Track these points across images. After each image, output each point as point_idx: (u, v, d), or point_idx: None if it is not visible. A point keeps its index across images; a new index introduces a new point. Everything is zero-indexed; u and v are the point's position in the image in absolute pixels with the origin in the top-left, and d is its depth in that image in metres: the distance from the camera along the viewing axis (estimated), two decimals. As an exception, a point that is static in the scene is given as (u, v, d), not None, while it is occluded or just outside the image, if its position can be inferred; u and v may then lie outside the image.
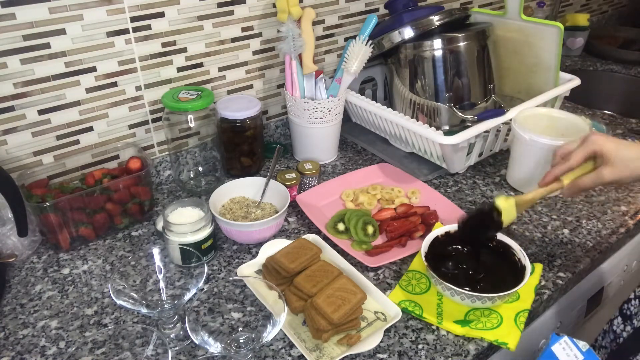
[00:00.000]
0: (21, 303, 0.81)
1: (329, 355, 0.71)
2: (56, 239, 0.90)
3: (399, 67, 1.18)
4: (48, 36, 0.89)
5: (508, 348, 0.73)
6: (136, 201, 0.96)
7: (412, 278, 0.85)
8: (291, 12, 1.04)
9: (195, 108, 0.98)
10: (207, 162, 1.11)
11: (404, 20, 1.15)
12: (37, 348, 0.74)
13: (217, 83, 1.13)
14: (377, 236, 0.94)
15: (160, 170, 1.11)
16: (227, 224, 0.90)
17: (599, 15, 2.12)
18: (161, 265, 0.77)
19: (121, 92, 1.01)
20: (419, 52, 1.12)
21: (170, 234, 0.84)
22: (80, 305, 0.81)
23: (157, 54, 1.02)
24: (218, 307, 0.73)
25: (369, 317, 0.77)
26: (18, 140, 0.94)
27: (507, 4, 1.20)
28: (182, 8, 1.01)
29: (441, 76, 1.13)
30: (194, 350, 0.73)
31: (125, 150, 1.04)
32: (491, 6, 1.62)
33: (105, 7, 0.92)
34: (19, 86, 0.90)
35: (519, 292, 0.81)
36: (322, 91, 1.13)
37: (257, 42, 1.14)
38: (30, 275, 0.87)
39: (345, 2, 1.24)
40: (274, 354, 0.72)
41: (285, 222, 0.99)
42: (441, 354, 0.72)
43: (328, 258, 0.87)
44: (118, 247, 0.93)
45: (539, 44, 1.18)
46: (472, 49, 1.13)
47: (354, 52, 1.08)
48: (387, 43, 1.13)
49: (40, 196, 0.88)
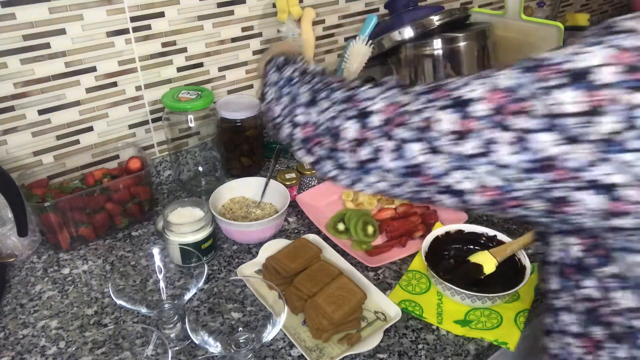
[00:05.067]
0: (21, 303, 0.81)
1: (328, 355, 0.71)
2: (56, 239, 0.90)
3: (399, 67, 1.18)
4: (48, 36, 0.89)
5: (508, 348, 0.73)
6: (136, 201, 0.96)
7: (412, 278, 0.85)
8: (291, 12, 1.04)
9: (195, 108, 0.98)
10: (207, 162, 1.11)
11: (404, 20, 1.14)
12: (37, 348, 0.74)
13: (217, 83, 1.13)
14: (377, 236, 0.94)
15: (160, 170, 1.11)
16: (227, 224, 0.90)
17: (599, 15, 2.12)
18: (161, 265, 0.77)
19: (121, 92, 1.01)
20: (419, 52, 1.12)
21: (170, 234, 0.84)
22: (80, 305, 0.81)
23: (157, 54, 1.02)
24: (218, 307, 0.73)
25: (369, 317, 0.77)
26: (18, 140, 0.94)
27: (507, 4, 1.20)
28: (182, 8, 1.01)
29: (441, 76, 1.12)
30: (194, 350, 0.73)
31: (125, 150, 1.04)
32: (491, 6, 1.62)
33: (105, 7, 0.92)
34: (19, 86, 0.90)
35: (519, 292, 0.81)
36: (322, 91, 1.13)
37: (257, 42, 1.14)
38: (30, 275, 0.87)
39: (345, 2, 1.24)
40: (274, 354, 0.72)
41: (285, 222, 0.99)
42: (441, 354, 0.72)
43: (328, 258, 0.87)
44: (118, 247, 0.93)
45: (539, 44, 1.18)
46: (472, 49, 1.13)
47: (354, 52, 1.08)
48: (387, 43, 1.13)
49: (40, 196, 0.88)
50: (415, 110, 0.48)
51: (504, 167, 0.43)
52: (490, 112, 0.43)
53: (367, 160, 0.52)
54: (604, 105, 0.38)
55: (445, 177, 0.47)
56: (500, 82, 0.44)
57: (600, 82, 0.38)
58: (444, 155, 0.46)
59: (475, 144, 0.44)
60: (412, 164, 0.48)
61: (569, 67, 0.40)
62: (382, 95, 0.52)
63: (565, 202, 0.42)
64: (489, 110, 0.43)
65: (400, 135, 0.48)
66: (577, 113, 0.39)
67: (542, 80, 0.41)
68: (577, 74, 0.39)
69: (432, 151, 0.46)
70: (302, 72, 0.64)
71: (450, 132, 0.45)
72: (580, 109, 0.38)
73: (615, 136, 0.38)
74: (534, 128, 0.41)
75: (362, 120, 0.52)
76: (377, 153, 0.50)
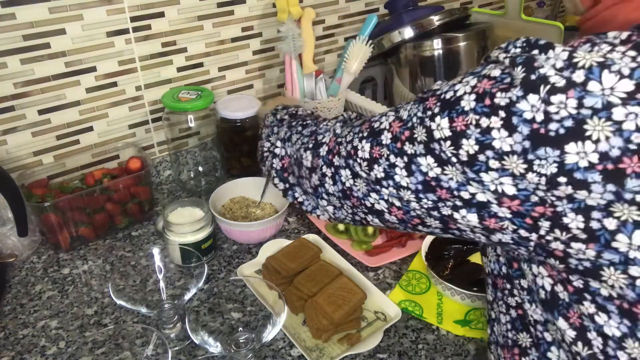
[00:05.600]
0: (21, 303, 0.81)
1: (328, 355, 0.71)
2: (56, 239, 0.90)
3: (399, 67, 1.18)
4: (48, 36, 0.89)
5: (508, 348, 0.73)
6: (136, 201, 0.96)
7: (412, 278, 0.85)
8: (291, 12, 1.04)
9: (195, 108, 0.98)
10: (207, 162, 1.11)
11: (404, 20, 1.15)
12: (37, 348, 0.74)
13: (217, 83, 1.13)
14: (377, 236, 0.94)
15: (160, 170, 1.11)
16: (227, 224, 0.90)
17: (599, 15, 2.11)
18: (161, 265, 0.77)
19: (121, 92, 1.01)
20: (419, 52, 1.12)
21: (170, 234, 0.84)
22: (80, 305, 0.81)
23: (157, 54, 1.02)
24: (218, 307, 0.73)
25: (369, 317, 0.77)
26: (18, 140, 0.94)
27: (507, 4, 1.20)
28: (182, 8, 1.01)
29: (441, 76, 1.13)
30: (194, 350, 0.73)
31: (125, 150, 1.04)
32: (491, 6, 1.62)
33: (105, 7, 0.92)
34: (19, 86, 0.90)
35: (519, 292, 0.81)
36: (322, 91, 1.13)
37: (257, 42, 1.14)
38: (30, 275, 0.87)
39: (345, 2, 1.24)
40: (274, 354, 0.72)
41: (285, 222, 0.99)
42: (441, 354, 0.72)
43: (328, 258, 0.87)
44: (118, 247, 0.93)
45: (539, 44, 1.18)
46: (472, 49, 1.13)
47: (354, 52, 1.08)
48: (387, 43, 1.13)
49: (40, 196, 0.88)
50: (347, 142, 0.55)
51: (402, 188, 0.48)
52: (390, 141, 0.49)
53: (318, 186, 0.59)
54: (463, 129, 0.42)
55: (367, 199, 0.53)
56: (401, 112, 0.49)
57: (461, 109, 0.42)
58: (362, 179, 0.52)
59: (381, 169, 0.50)
60: (343, 188, 0.55)
61: (444, 96, 0.44)
62: (332, 128, 0.59)
63: (452, 220, 0.47)
64: (390, 138, 0.49)
65: (336, 163, 0.56)
66: (446, 137, 0.43)
67: (426, 109, 0.45)
68: (450, 102, 0.43)
69: (354, 176, 0.53)
70: (291, 115, 0.74)
71: (364, 159, 0.51)
72: (447, 134, 0.43)
73: (474, 158, 0.41)
74: (418, 152, 0.46)
75: (314, 151, 0.59)
76: (323, 178, 0.58)
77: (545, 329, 0.49)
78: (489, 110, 0.40)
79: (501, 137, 0.40)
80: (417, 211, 0.49)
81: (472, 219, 0.45)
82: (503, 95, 0.40)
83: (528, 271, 0.48)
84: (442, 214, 0.47)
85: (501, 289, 0.53)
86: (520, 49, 0.43)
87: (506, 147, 0.39)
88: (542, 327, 0.49)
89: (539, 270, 0.46)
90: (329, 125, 0.63)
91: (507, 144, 0.39)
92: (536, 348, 0.50)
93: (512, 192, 0.41)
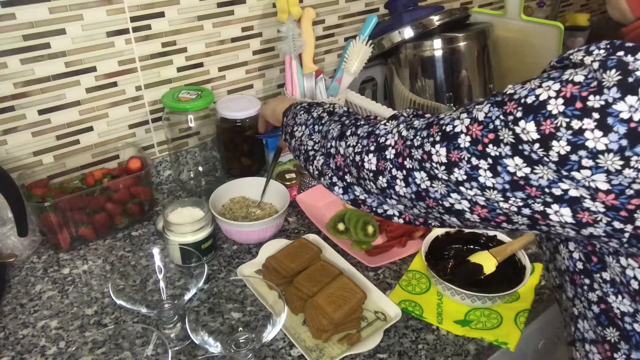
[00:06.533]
0: (21, 303, 0.81)
1: (328, 355, 0.71)
2: (56, 239, 0.90)
3: (399, 67, 1.18)
4: (48, 36, 0.89)
5: (508, 348, 0.73)
6: (136, 201, 0.96)
7: (412, 278, 0.85)
8: (291, 12, 1.04)
9: (195, 108, 0.98)
10: (207, 162, 1.11)
11: (404, 20, 1.15)
12: (37, 348, 0.74)
13: (217, 83, 1.13)
14: (377, 236, 0.94)
15: (160, 170, 1.11)
16: (227, 224, 0.90)
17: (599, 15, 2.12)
18: (161, 265, 0.77)
19: (121, 92, 1.01)
20: (419, 52, 1.12)
21: (170, 234, 0.84)
22: (80, 305, 0.81)
23: (157, 54, 1.02)
24: (218, 307, 0.73)
25: (369, 317, 0.77)
26: (18, 140, 0.94)
27: (507, 4, 1.20)
28: (182, 8, 1.01)
29: (441, 76, 1.13)
30: (194, 350, 0.73)
31: (125, 150, 1.04)
32: (491, 6, 1.62)
33: (105, 7, 0.92)
34: (19, 86, 0.90)
35: (519, 292, 0.81)
36: (322, 91, 1.13)
37: (257, 42, 1.14)
38: (30, 275, 0.87)
39: (345, 2, 1.24)
40: (274, 354, 0.72)
41: (285, 222, 0.99)
42: (441, 354, 0.72)
43: (328, 258, 0.87)
44: (118, 247, 0.93)
45: (539, 44, 1.18)
46: (472, 49, 1.13)
47: (354, 52, 1.08)
48: (387, 43, 1.13)
49: (40, 196, 0.88)
50: (417, 146, 0.55)
51: (487, 188, 0.49)
52: (469, 144, 0.49)
53: (386, 187, 0.59)
54: (552, 132, 0.43)
55: (445, 199, 0.54)
56: (475, 114, 0.50)
57: (548, 113, 0.44)
58: (441, 181, 0.53)
59: (462, 172, 0.50)
60: (418, 189, 0.56)
61: (525, 101, 0.46)
62: (395, 131, 0.60)
63: (543, 216, 0.48)
64: (469, 142, 0.50)
65: (408, 166, 0.56)
66: (534, 140, 0.44)
67: (507, 114, 0.47)
68: (533, 106, 0.45)
69: (431, 178, 0.54)
70: (329, 113, 0.74)
71: (441, 163, 0.52)
72: (535, 137, 0.44)
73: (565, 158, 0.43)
74: (504, 154, 0.47)
75: (379, 154, 0.60)
76: (393, 181, 0.58)
77: (635, 320, 0.50)
78: (580, 113, 0.42)
79: (595, 137, 0.41)
80: (505, 209, 0.50)
81: (566, 213, 0.46)
82: (597, 98, 0.41)
83: (614, 264, 0.50)
84: (533, 210, 0.48)
85: (580, 285, 0.55)
86: (604, 50, 0.44)
87: (601, 147, 0.41)
88: (630, 318, 0.51)
89: (627, 262, 0.48)
90: (388, 126, 0.62)
91: (601, 144, 0.41)
92: (626, 341, 0.52)
93: (605, 187, 0.43)
